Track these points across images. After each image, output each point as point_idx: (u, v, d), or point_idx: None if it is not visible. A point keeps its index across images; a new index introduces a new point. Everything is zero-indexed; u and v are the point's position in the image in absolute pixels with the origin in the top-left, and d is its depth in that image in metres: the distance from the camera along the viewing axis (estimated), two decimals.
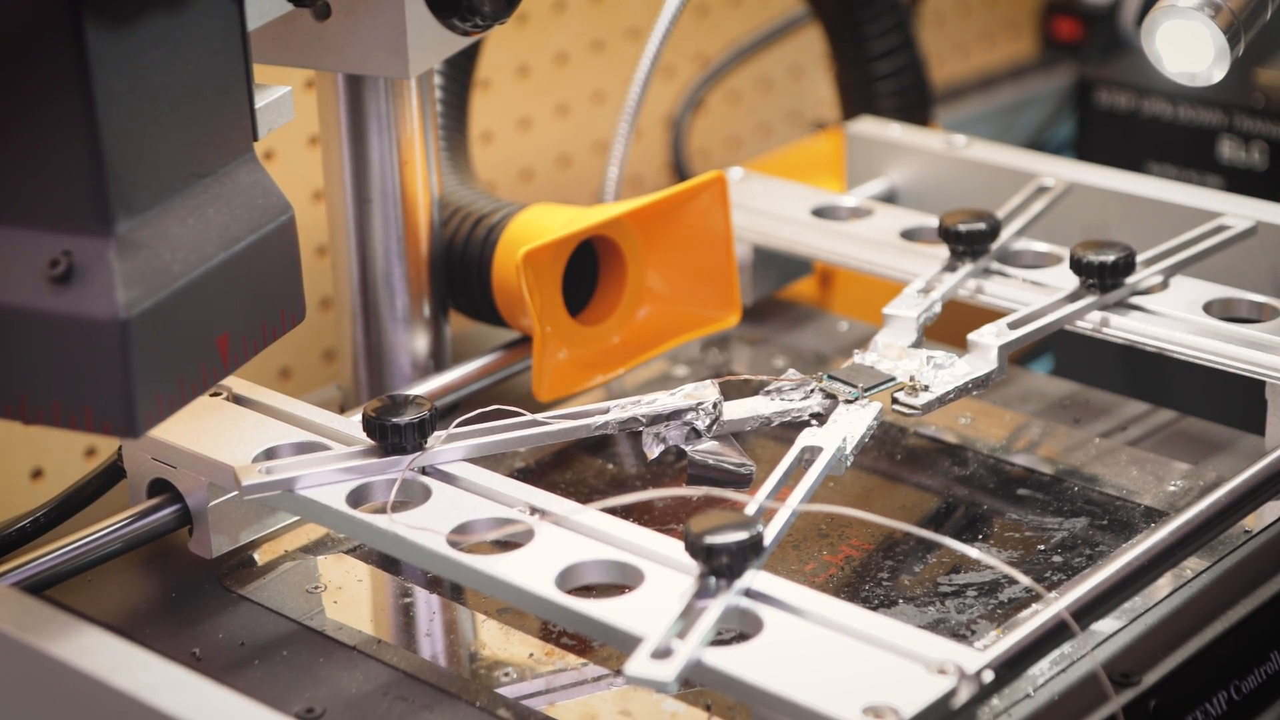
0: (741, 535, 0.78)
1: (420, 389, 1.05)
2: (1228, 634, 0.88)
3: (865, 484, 1.02)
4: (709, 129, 1.65)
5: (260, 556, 0.95)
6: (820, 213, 1.17)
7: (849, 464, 0.91)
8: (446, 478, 0.88)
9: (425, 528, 0.84)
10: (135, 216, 0.77)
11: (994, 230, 1.07)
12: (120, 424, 0.77)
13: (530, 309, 1.00)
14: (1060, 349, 1.42)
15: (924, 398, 0.95)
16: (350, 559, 0.95)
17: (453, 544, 0.84)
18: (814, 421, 0.94)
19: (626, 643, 0.76)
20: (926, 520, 0.99)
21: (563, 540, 0.83)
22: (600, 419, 0.93)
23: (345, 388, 1.10)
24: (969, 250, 1.06)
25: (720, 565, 0.78)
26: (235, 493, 0.89)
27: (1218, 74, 0.96)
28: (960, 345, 1.00)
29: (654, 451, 0.93)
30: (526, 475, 1.02)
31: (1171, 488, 0.99)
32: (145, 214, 0.77)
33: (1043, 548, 0.95)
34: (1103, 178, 1.15)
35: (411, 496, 0.87)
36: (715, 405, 0.93)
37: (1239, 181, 1.40)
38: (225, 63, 0.82)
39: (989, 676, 0.76)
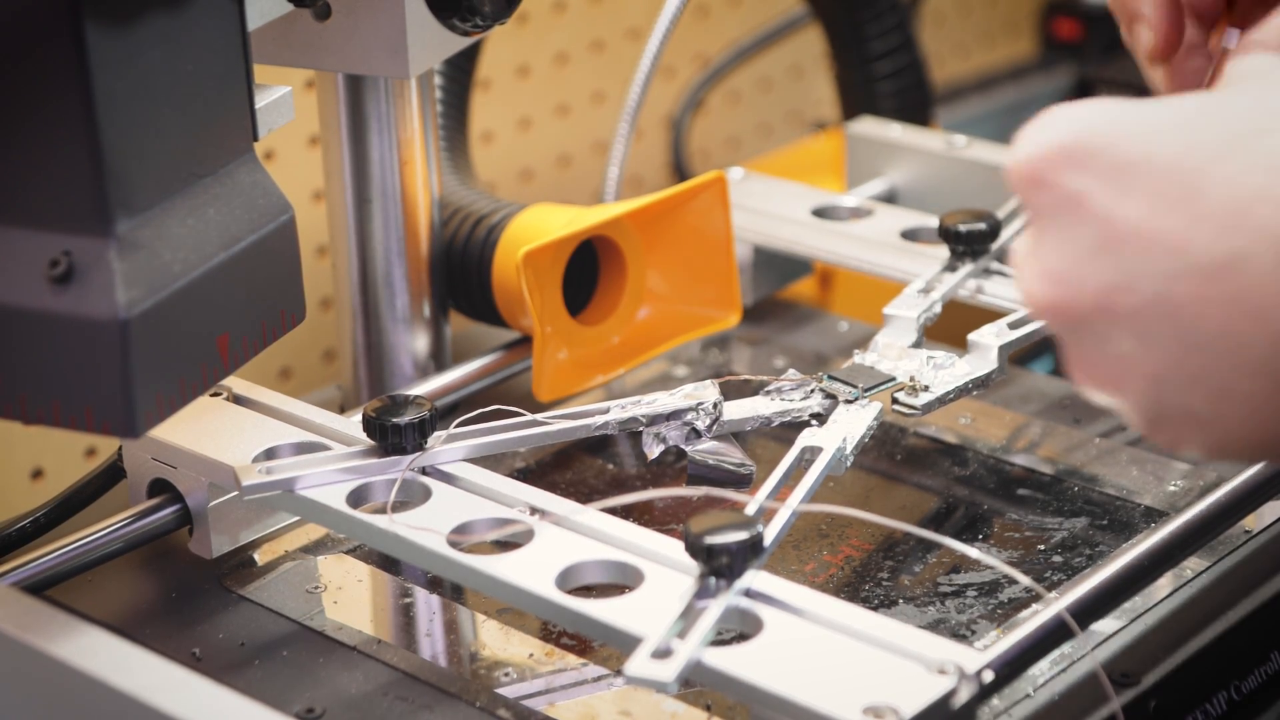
0: (741, 535, 0.78)
1: (420, 389, 1.05)
2: (1228, 634, 0.88)
3: (865, 484, 1.02)
4: (709, 129, 1.65)
5: (260, 556, 0.95)
6: (820, 213, 1.17)
7: (849, 464, 0.91)
8: (446, 478, 0.88)
9: (425, 528, 0.84)
10: (135, 216, 0.77)
11: (994, 230, 1.06)
12: (120, 424, 0.77)
13: (530, 309, 1.00)
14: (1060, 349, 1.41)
15: (924, 398, 0.95)
16: (350, 559, 0.95)
17: (453, 544, 0.84)
18: (814, 421, 0.94)
19: (626, 643, 0.76)
20: (926, 520, 0.99)
21: (563, 540, 0.83)
22: (600, 419, 0.93)
23: (345, 388, 1.10)
24: (969, 250, 1.06)
25: (720, 565, 0.78)
26: (235, 493, 0.89)
27: None
28: (960, 345, 1.00)
29: (654, 451, 0.93)
30: (526, 475, 1.02)
31: (1171, 488, 0.99)
32: (145, 214, 0.77)
33: (1043, 548, 0.95)
34: None
35: (411, 496, 0.87)
36: (715, 405, 0.93)
37: None
38: (225, 63, 0.82)
39: (989, 676, 0.76)
